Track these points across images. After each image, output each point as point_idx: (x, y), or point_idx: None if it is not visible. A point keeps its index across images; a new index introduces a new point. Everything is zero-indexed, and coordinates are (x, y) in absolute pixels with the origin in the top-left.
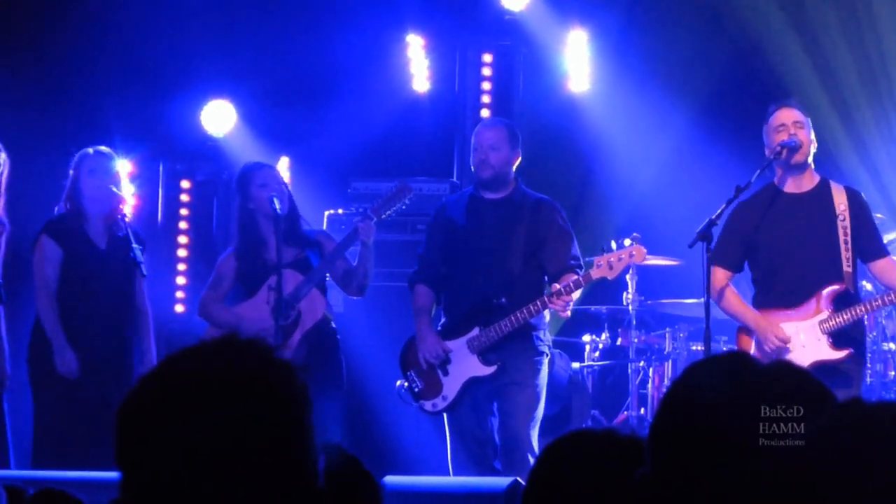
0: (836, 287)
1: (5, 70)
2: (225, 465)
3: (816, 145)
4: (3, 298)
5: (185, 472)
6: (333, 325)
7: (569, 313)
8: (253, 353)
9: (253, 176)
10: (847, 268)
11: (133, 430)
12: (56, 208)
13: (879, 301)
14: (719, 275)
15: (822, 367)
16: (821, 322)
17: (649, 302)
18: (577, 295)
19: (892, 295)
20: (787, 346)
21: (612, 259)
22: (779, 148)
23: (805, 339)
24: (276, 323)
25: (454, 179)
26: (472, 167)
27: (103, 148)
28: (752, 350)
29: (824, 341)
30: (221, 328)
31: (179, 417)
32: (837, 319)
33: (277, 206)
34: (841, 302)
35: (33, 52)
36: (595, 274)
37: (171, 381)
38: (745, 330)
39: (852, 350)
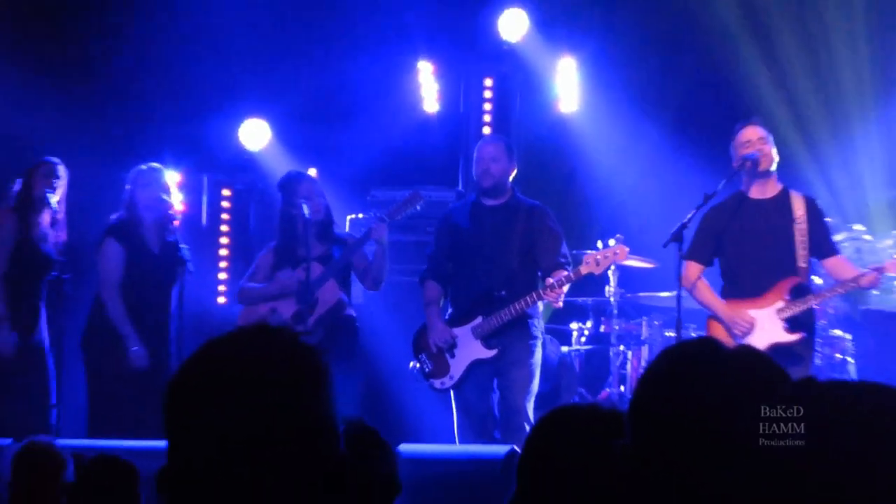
0: (792, 280)
1: (68, 97)
2: (257, 448)
3: (778, 157)
4: (68, 291)
5: (219, 457)
6: (350, 312)
7: (561, 304)
8: (280, 340)
9: (298, 186)
10: (802, 264)
11: (173, 413)
12: (115, 215)
13: (827, 293)
14: (693, 268)
15: (777, 348)
16: (778, 310)
17: (628, 294)
18: (566, 288)
19: (839, 287)
20: (752, 328)
21: (598, 257)
22: (742, 161)
23: (764, 324)
24: (299, 305)
25: (459, 188)
26: (475, 177)
27: (154, 163)
28: (724, 335)
29: (780, 326)
30: (257, 303)
31: (213, 404)
32: (793, 308)
33: (306, 211)
34: (796, 293)
35: (91, 80)
36: (584, 270)
37: (207, 370)
38: (715, 318)
39: (805, 334)
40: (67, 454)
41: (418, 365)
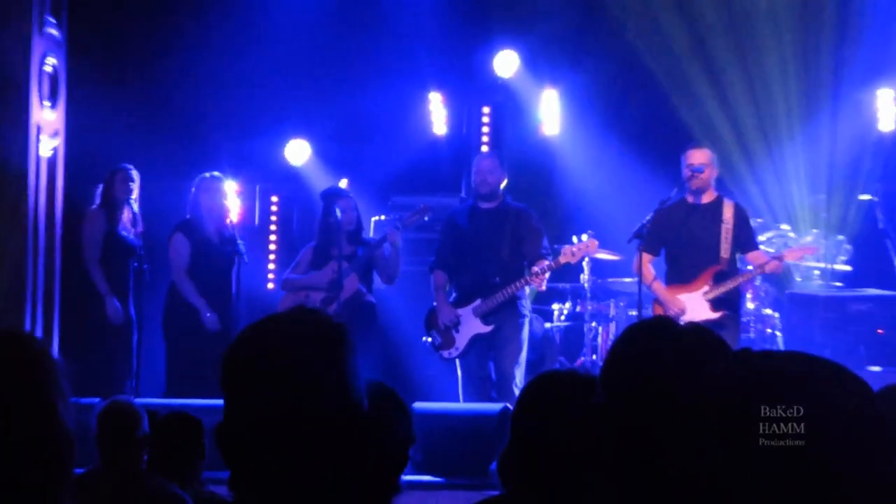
0: (714, 268)
1: (142, 118)
2: (296, 410)
3: (718, 171)
4: (147, 278)
5: (264, 416)
6: (370, 299)
7: (544, 287)
8: (315, 318)
9: (337, 200)
10: (724, 254)
11: (228, 380)
12: (186, 216)
13: (740, 277)
14: (644, 258)
15: (705, 323)
16: (704, 293)
17: (599, 280)
18: (548, 274)
19: (749, 273)
20: (683, 311)
21: (574, 249)
22: (684, 180)
23: (694, 305)
24: (328, 293)
25: (462, 195)
26: (474, 185)
27: (216, 173)
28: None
29: (706, 307)
30: (296, 291)
31: (261, 372)
32: (715, 290)
33: (339, 214)
34: (718, 279)
35: (161, 104)
36: (562, 259)
37: (257, 343)
38: (658, 301)
39: (726, 311)
40: (143, 410)
41: (429, 339)
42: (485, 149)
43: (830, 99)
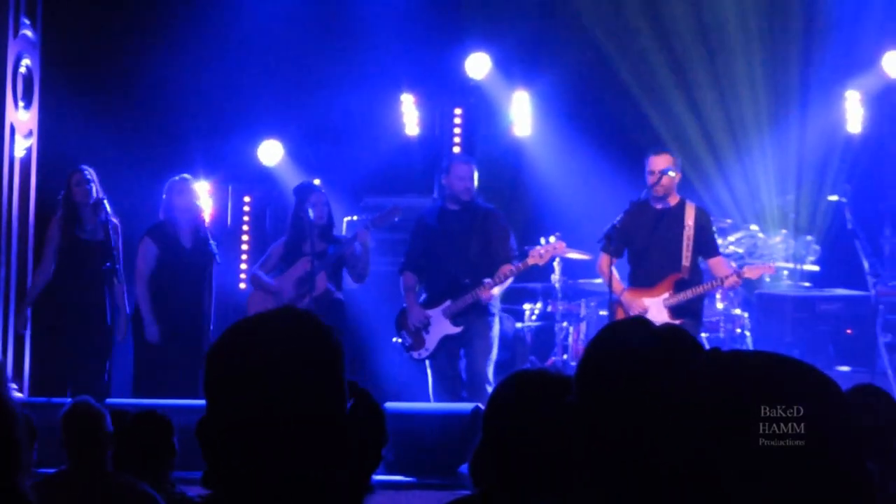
0: (675, 276)
1: (115, 120)
2: (279, 409)
3: (680, 175)
4: (122, 279)
5: (246, 415)
6: (338, 296)
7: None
8: (305, 320)
9: (308, 195)
10: (685, 262)
11: (211, 376)
12: (159, 218)
13: (699, 288)
14: (605, 259)
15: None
16: (664, 300)
17: (570, 281)
18: (510, 280)
19: (707, 285)
20: (645, 314)
21: (542, 251)
22: (648, 185)
23: (653, 311)
24: (297, 291)
25: (434, 195)
26: (454, 190)
27: (185, 175)
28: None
29: (666, 313)
30: (264, 290)
31: (244, 371)
32: (675, 298)
33: (312, 214)
34: (679, 286)
35: (133, 106)
36: (530, 261)
37: (242, 341)
38: (619, 302)
39: (686, 319)
40: (105, 410)
41: (400, 340)
42: (457, 150)
43: (799, 100)
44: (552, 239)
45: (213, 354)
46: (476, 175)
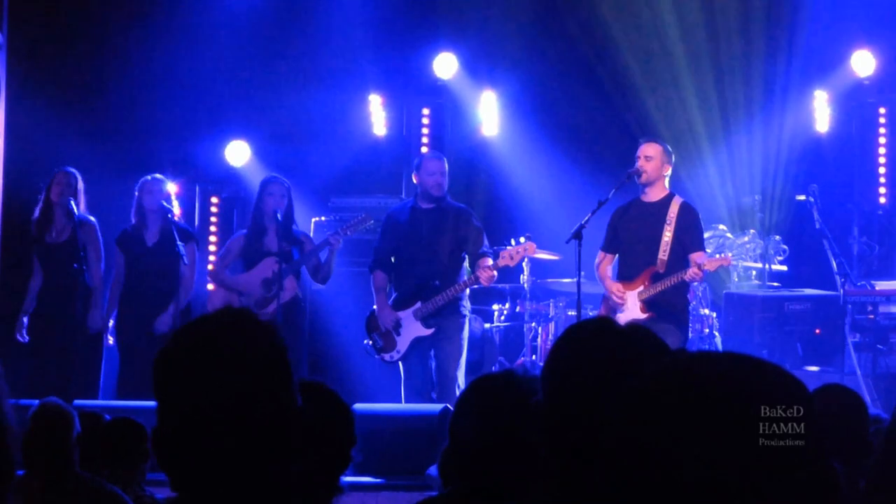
0: (652, 269)
1: (85, 122)
2: (227, 412)
3: (668, 167)
4: (94, 279)
5: (194, 419)
6: (302, 303)
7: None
8: (250, 321)
9: (268, 185)
10: (662, 256)
11: (160, 381)
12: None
13: (668, 281)
14: (604, 258)
15: (635, 321)
16: (639, 293)
17: (538, 281)
18: (496, 272)
19: (674, 277)
20: (623, 302)
21: (512, 252)
22: (627, 173)
23: (629, 304)
24: (265, 293)
25: (403, 196)
26: (425, 186)
27: (157, 175)
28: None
29: (638, 306)
30: (226, 289)
31: (191, 373)
32: (648, 291)
33: (268, 203)
34: (654, 279)
35: (103, 108)
36: (501, 263)
37: (188, 344)
38: (606, 298)
39: (653, 313)
40: (74, 411)
41: (370, 342)
42: (425, 150)
43: (767, 100)
44: (522, 240)
45: (160, 357)
46: (447, 169)
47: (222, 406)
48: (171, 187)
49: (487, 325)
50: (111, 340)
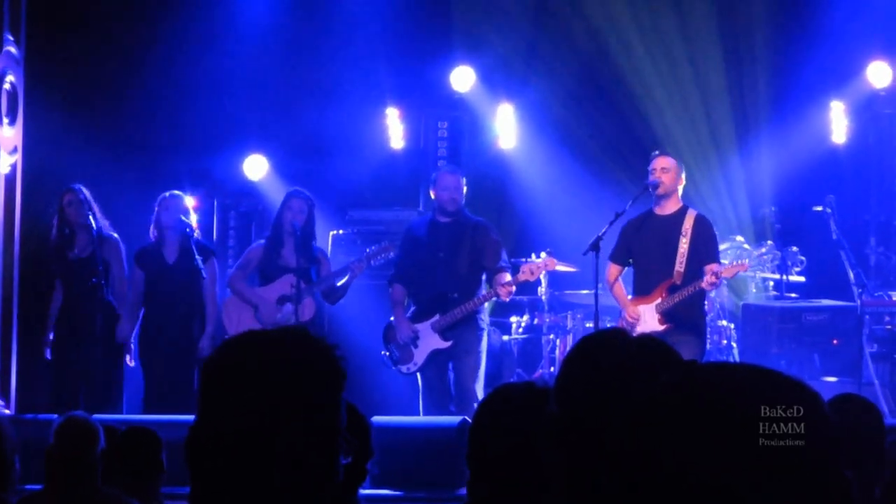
0: (669, 281)
1: (106, 139)
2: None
3: (682, 181)
4: (117, 292)
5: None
6: (321, 321)
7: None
8: (315, 342)
9: (289, 199)
10: (679, 268)
11: (207, 389)
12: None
13: (685, 291)
14: (612, 269)
15: (653, 334)
16: (656, 305)
17: (556, 293)
18: (514, 287)
19: (691, 287)
20: (637, 321)
21: (532, 267)
22: (644, 186)
23: (646, 316)
24: (279, 310)
25: (420, 209)
26: (440, 201)
27: (175, 192)
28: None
29: (656, 318)
30: (243, 300)
31: (242, 386)
32: (666, 303)
33: (287, 217)
34: (671, 291)
35: (123, 124)
36: (521, 278)
37: (241, 358)
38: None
39: (671, 324)
40: (99, 426)
41: (388, 353)
42: (442, 163)
43: (783, 112)
44: (543, 255)
45: (208, 363)
46: (464, 184)
47: (270, 419)
48: (189, 201)
49: (505, 338)
50: (131, 362)
